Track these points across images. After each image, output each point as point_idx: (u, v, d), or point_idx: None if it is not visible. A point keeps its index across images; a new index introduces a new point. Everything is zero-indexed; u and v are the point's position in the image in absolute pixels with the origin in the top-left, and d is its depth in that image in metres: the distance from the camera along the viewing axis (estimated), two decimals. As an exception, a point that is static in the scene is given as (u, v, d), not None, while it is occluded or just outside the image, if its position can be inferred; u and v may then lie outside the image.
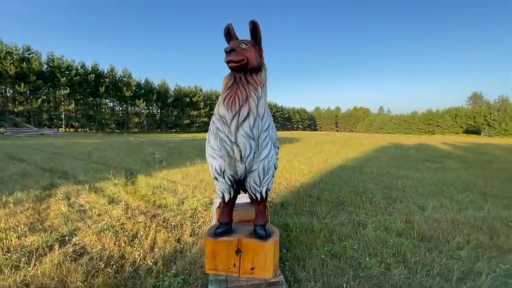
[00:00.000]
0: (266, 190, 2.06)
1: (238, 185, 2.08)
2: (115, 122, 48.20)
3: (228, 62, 1.76)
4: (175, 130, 57.37)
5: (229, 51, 1.75)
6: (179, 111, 57.81)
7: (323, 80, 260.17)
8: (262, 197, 2.07)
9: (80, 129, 43.09)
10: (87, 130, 44.27)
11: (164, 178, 6.18)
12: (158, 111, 57.28)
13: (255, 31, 1.86)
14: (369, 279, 2.31)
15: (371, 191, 5.29)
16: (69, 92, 39.96)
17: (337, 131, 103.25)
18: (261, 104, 1.84)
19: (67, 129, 41.83)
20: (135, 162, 8.63)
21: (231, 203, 2.17)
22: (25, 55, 36.78)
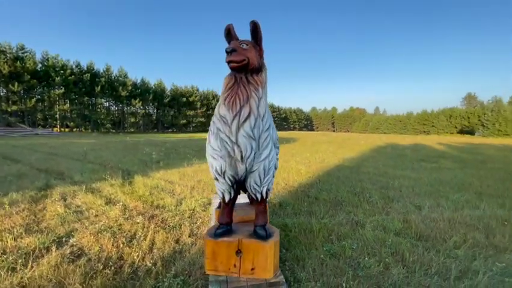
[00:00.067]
0: (266, 190, 2.06)
1: (238, 186, 2.08)
2: (111, 122, 47.82)
3: (229, 62, 1.76)
4: (172, 130, 57.13)
5: (230, 51, 1.75)
6: (175, 111, 57.56)
7: (320, 81, 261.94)
8: (262, 197, 2.07)
9: (75, 129, 42.65)
10: (82, 130, 43.86)
11: (161, 178, 6.14)
12: (154, 111, 56.97)
13: (256, 31, 1.86)
14: (368, 278, 2.33)
15: (369, 191, 5.32)
16: (64, 92, 39.55)
17: (333, 131, 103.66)
18: (262, 104, 1.84)
19: (62, 129, 41.37)
20: (132, 162, 8.57)
21: (231, 204, 2.16)
22: (19, 54, 36.33)
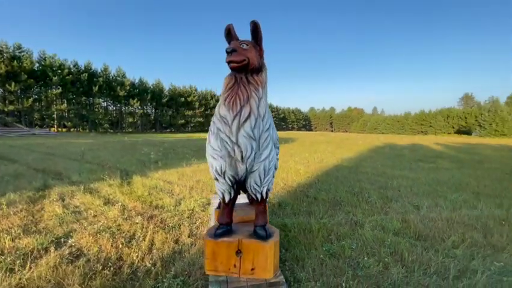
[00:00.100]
0: (267, 190, 2.06)
1: (238, 186, 2.08)
2: (109, 122, 47.64)
3: (229, 63, 1.76)
4: (170, 130, 56.98)
5: (230, 51, 1.75)
6: (173, 111, 57.45)
7: (320, 81, 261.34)
8: (262, 198, 2.07)
9: (72, 129, 42.42)
10: (80, 130, 43.65)
11: (160, 179, 6.13)
12: (152, 111, 56.81)
13: (256, 31, 1.86)
14: (368, 278, 2.33)
15: (367, 191, 5.34)
16: (61, 91, 39.38)
17: (332, 131, 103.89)
18: (262, 105, 1.84)
19: (59, 129, 41.16)
20: (130, 162, 8.54)
21: (231, 204, 2.16)
22: (16, 53, 36.07)
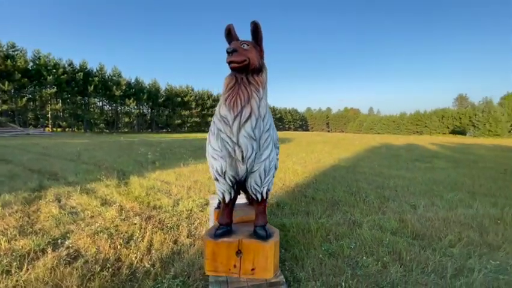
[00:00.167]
0: (267, 191, 2.06)
1: (238, 186, 2.08)
2: (104, 122, 47.28)
3: (230, 63, 1.75)
4: (166, 130, 56.71)
5: (231, 51, 1.75)
6: (170, 111, 57.16)
7: (320, 81, 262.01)
8: (262, 198, 2.07)
9: (67, 129, 42.01)
10: (75, 130, 43.22)
11: (157, 179, 6.09)
12: (148, 111, 56.50)
13: (256, 32, 1.86)
14: (367, 277, 2.35)
15: (365, 191, 5.37)
16: (56, 91, 38.94)
17: (328, 132, 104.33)
18: (263, 105, 1.84)
19: (54, 129, 40.69)
20: (127, 162, 8.48)
21: (231, 204, 2.16)
22: (9, 52, 35.58)
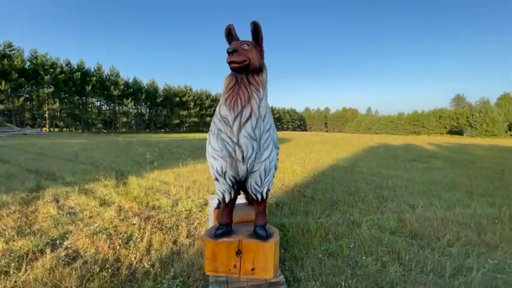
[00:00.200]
0: (267, 191, 2.07)
1: (238, 186, 2.08)
2: (102, 122, 46.99)
3: (230, 63, 1.75)
4: (164, 130, 56.52)
5: (231, 52, 1.75)
6: (168, 111, 56.96)
7: (320, 81, 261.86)
8: (262, 198, 2.07)
9: (65, 129, 41.70)
10: (72, 130, 42.95)
11: (156, 179, 6.08)
12: (147, 110, 56.26)
13: (257, 32, 1.86)
14: (366, 277, 2.36)
15: (363, 191, 5.39)
16: (53, 91, 38.65)
17: (326, 132, 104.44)
18: (263, 105, 1.84)
19: (51, 129, 40.42)
20: (125, 162, 8.45)
21: (231, 204, 2.16)
22: (6, 52, 35.30)
